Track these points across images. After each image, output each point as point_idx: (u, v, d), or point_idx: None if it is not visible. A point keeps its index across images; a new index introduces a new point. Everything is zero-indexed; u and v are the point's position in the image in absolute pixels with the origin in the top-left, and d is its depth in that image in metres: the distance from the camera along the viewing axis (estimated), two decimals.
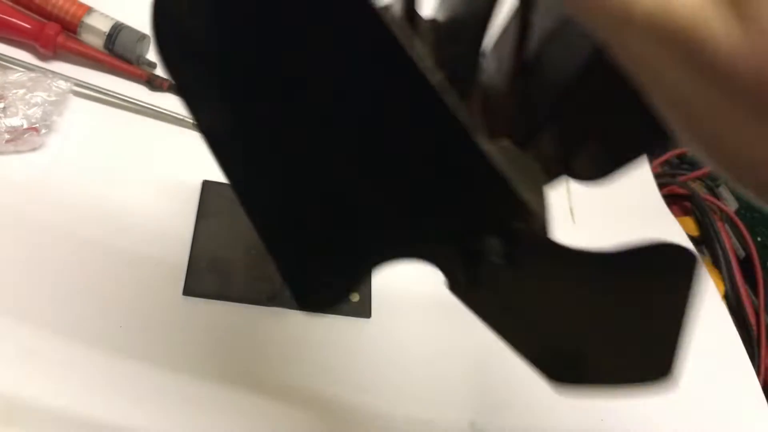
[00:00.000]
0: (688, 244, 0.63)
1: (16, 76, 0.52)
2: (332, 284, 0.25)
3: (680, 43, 0.14)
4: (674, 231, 0.64)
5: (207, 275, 0.49)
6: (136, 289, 0.47)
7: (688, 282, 0.21)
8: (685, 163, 0.77)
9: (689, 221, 0.68)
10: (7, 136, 0.50)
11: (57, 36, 0.55)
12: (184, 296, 0.48)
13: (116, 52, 0.57)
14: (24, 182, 0.50)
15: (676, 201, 0.71)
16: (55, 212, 0.49)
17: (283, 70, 0.19)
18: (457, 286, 0.24)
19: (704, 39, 0.14)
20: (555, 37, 0.23)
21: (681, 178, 0.72)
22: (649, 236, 0.24)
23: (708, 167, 0.18)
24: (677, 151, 0.77)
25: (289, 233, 0.24)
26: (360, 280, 0.25)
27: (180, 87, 0.20)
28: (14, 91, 0.51)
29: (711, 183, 0.73)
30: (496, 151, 0.21)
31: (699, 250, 0.66)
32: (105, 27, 0.56)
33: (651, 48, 0.15)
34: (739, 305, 0.62)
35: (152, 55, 0.59)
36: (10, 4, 0.57)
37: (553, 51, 0.23)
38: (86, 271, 0.47)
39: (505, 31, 0.25)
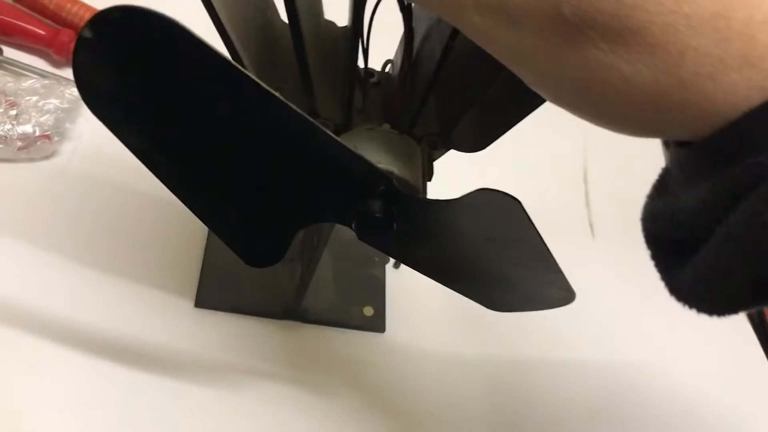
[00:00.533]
0: None
1: (30, 83, 0.52)
2: (269, 245, 0.33)
3: (496, 8, 0.20)
4: None
5: (219, 287, 0.48)
6: (148, 301, 0.47)
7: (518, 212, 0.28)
8: None
9: None
10: (19, 144, 0.49)
11: (71, 42, 0.55)
12: (196, 308, 0.47)
13: None
14: (36, 189, 0.49)
15: None
16: (67, 220, 0.49)
17: (175, 108, 0.27)
18: (361, 235, 0.31)
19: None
20: (427, 36, 0.32)
21: None
22: None
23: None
24: None
25: (222, 215, 0.32)
26: (289, 239, 0.32)
27: (101, 119, 0.27)
28: (27, 98, 0.50)
29: None
30: (380, 136, 0.32)
31: None
32: None
33: (480, 19, 0.21)
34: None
35: None
36: (26, 11, 0.56)
37: (426, 47, 0.32)
38: (97, 281, 0.46)
39: (400, 42, 0.33)
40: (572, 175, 0.68)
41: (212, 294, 0.48)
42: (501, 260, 0.34)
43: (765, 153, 0.18)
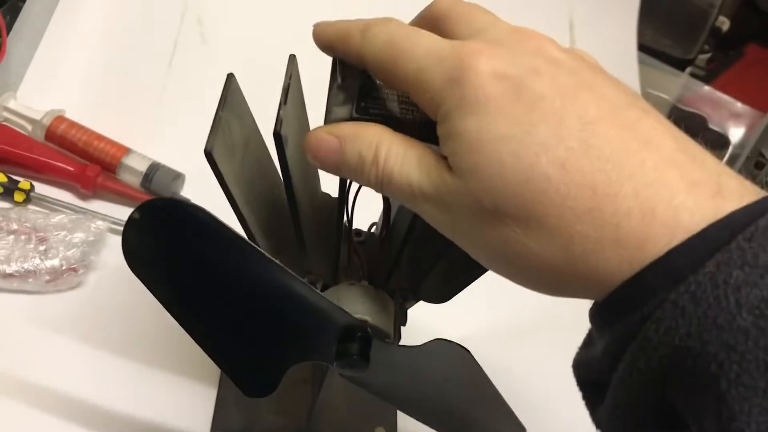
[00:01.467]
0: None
1: (59, 218, 0.56)
2: (264, 379, 0.38)
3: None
4: None
5: (235, 411, 0.50)
6: (164, 425, 0.49)
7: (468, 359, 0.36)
8: None
9: None
10: (47, 277, 0.53)
11: (97, 177, 0.59)
12: None
13: (153, 191, 0.60)
14: (61, 319, 0.53)
15: None
16: (91, 348, 0.52)
17: (197, 272, 0.34)
18: (341, 373, 0.37)
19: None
20: (401, 207, 0.39)
21: None
22: None
23: None
24: None
25: (225, 353, 0.38)
26: (282, 374, 0.38)
27: (138, 276, 0.33)
28: (56, 233, 0.55)
29: None
30: (358, 290, 0.39)
31: None
32: (142, 167, 0.60)
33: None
34: None
35: (186, 192, 0.62)
36: (56, 148, 0.61)
37: (399, 216, 0.40)
38: (118, 406, 0.49)
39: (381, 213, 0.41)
40: None
41: (228, 419, 0.50)
42: (458, 398, 0.40)
43: (635, 314, 0.23)
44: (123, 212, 0.60)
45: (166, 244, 0.32)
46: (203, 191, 0.43)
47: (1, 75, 0.65)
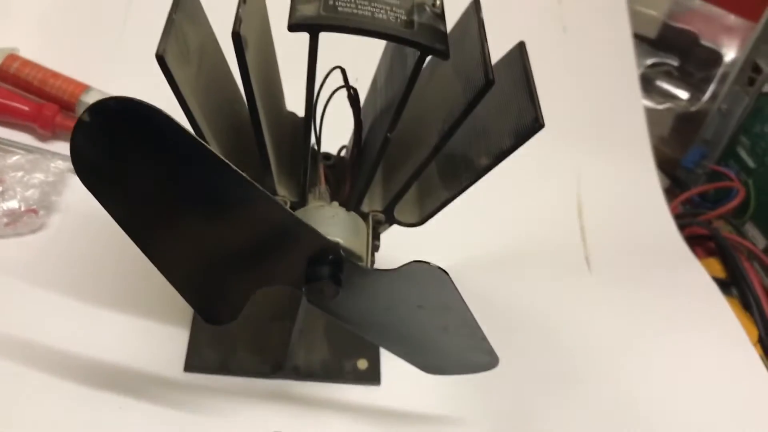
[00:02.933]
0: (710, 286, 0.62)
1: (15, 159, 0.53)
2: (226, 306, 0.37)
3: None
4: (697, 274, 0.62)
5: (208, 350, 0.49)
6: (136, 367, 0.47)
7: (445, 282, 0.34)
8: (706, 201, 0.76)
9: (714, 263, 0.67)
10: (5, 220, 0.51)
11: (55, 116, 0.57)
12: (186, 372, 0.47)
13: None
14: (24, 264, 0.51)
15: (700, 242, 0.69)
16: (55, 293, 0.49)
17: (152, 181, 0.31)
18: (311, 298, 0.35)
19: None
20: (372, 128, 0.38)
21: (702, 218, 0.70)
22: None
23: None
24: (698, 189, 0.76)
25: (185, 276, 0.36)
26: (245, 301, 0.36)
27: (90, 189, 0.31)
28: (12, 174, 0.52)
29: (736, 221, 0.71)
30: (329, 212, 0.38)
31: (728, 293, 0.64)
32: None
33: None
34: None
35: None
36: (9, 87, 0.59)
37: (370, 137, 0.38)
38: (86, 348, 0.47)
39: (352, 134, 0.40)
40: (567, 211, 0.69)
41: (201, 357, 0.48)
42: (431, 326, 0.39)
43: None
44: None
45: (120, 150, 0.30)
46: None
47: None
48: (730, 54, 0.84)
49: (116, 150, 0.29)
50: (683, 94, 0.87)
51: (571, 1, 0.81)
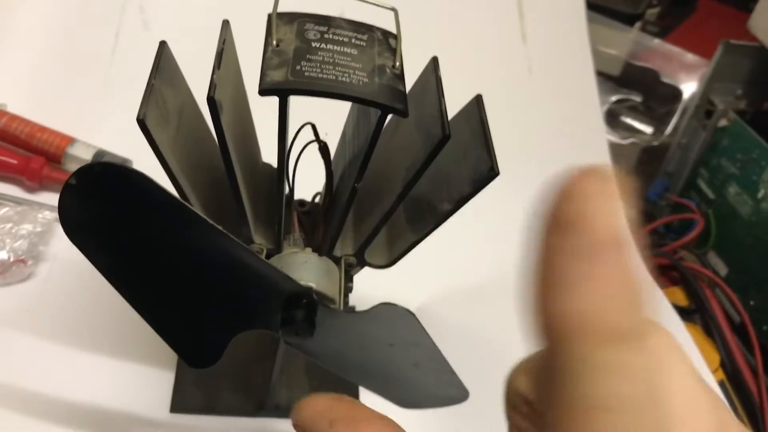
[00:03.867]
0: (671, 313, 0.64)
1: (4, 211, 0.55)
2: (207, 349, 0.38)
3: None
4: (660, 303, 0.65)
5: (194, 391, 0.50)
6: (124, 410, 0.49)
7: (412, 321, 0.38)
8: (671, 231, 0.79)
9: (678, 291, 0.69)
10: None
11: (42, 168, 0.59)
12: (172, 413, 0.49)
13: None
14: (13, 313, 0.52)
15: (664, 271, 0.72)
16: (44, 340, 0.51)
17: (135, 238, 0.33)
18: (287, 340, 0.37)
19: None
20: (342, 176, 0.40)
21: (666, 248, 0.73)
22: None
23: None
24: (662, 221, 0.78)
25: (167, 323, 0.37)
26: (225, 344, 0.38)
27: (76, 245, 0.33)
28: (1, 226, 0.54)
29: (698, 251, 0.74)
30: (303, 258, 0.40)
31: (691, 321, 0.67)
32: (88, 155, 0.60)
33: None
34: (736, 372, 0.62)
35: None
36: None
37: (341, 185, 0.40)
38: (74, 394, 0.49)
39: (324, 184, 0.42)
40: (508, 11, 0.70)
41: (187, 398, 0.50)
42: (404, 363, 0.41)
43: None
44: None
45: (105, 210, 0.32)
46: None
47: None
48: (688, 90, 0.88)
49: (101, 210, 0.31)
50: (647, 129, 0.90)
51: (537, 42, 0.84)
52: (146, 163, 0.57)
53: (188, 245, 0.33)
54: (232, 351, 0.52)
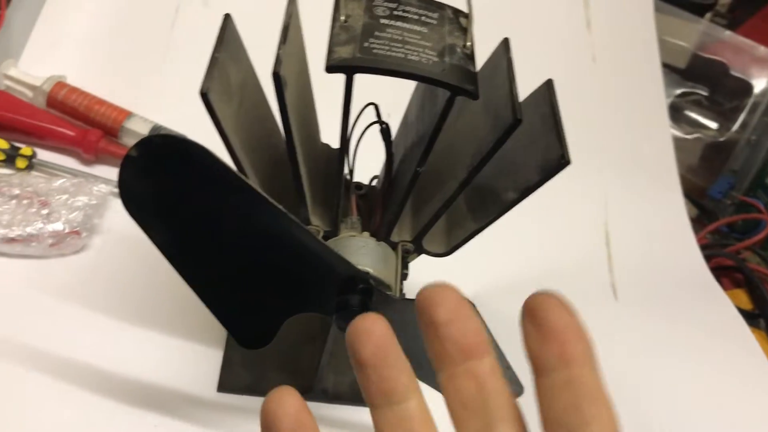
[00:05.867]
0: (736, 317, 0.61)
1: (60, 182, 0.56)
2: (259, 330, 0.38)
3: None
4: (723, 306, 0.62)
5: (241, 371, 0.50)
6: (171, 386, 0.49)
7: None
8: (735, 231, 0.76)
9: (741, 294, 0.67)
10: (50, 241, 0.52)
11: (98, 141, 0.59)
12: (219, 392, 0.49)
13: None
14: (65, 284, 0.52)
15: (726, 273, 0.69)
16: (95, 312, 0.51)
17: (194, 212, 0.33)
18: (341, 325, 0.36)
19: None
20: (403, 160, 0.39)
21: (730, 249, 0.70)
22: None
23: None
24: (725, 220, 0.75)
25: (222, 302, 0.37)
26: (278, 326, 0.38)
27: (134, 218, 0.33)
28: (57, 197, 0.54)
29: (764, 253, 0.71)
30: (360, 242, 0.39)
31: (754, 325, 0.64)
32: (144, 130, 0.60)
33: None
34: None
35: None
36: (57, 114, 0.61)
37: (401, 169, 0.39)
38: (123, 368, 0.49)
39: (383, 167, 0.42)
40: (594, 238, 0.69)
41: (234, 378, 0.49)
42: None
43: None
44: None
45: (165, 184, 0.31)
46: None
47: (1, 43, 0.64)
48: (760, 85, 0.84)
49: (160, 183, 0.31)
50: (712, 124, 0.87)
51: (601, 30, 0.82)
52: (201, 140, 0.57)
53: (247, 223, 0.32)
54: (281, 333, 0.52)
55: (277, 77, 0.31)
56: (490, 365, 0.22)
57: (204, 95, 0.32)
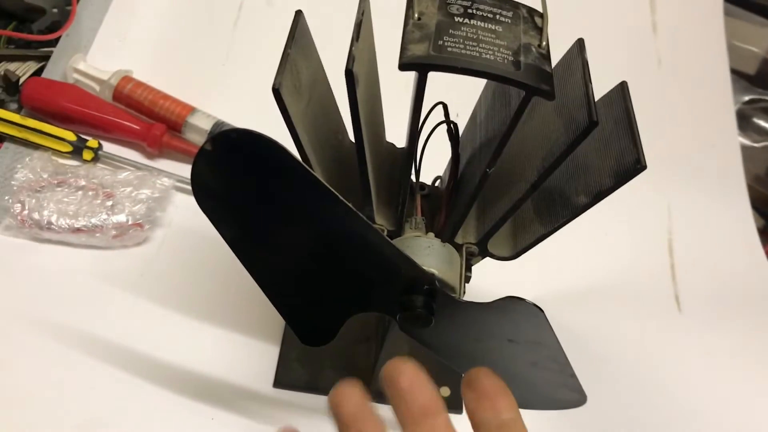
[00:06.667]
0: None
1: (125, 175, 0.56)
2: (322, 328, 0.38)
3: None
4: None
5: (297, 367, 0.50)
6: (229, 380, 0.49)
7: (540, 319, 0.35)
8: None
9: None
10: (114, 232, 0.53)
11: (162, 136, 0.60)
12: (274, 388, 0.49)
13: None
14: (127, 275, 0.53)
15: None
16: (156, 303, 0.52)
17: (265, 208, 0.32)
18: (404, 326, 0.36)
19: None
20: (470, 161, 0.39)
21: None
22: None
23: None
24: None
25: (286, 298, 0.37)
26: (340, 324, 0.38)
27: (205, 212, 0.32)
28: (122, 189, 0.55)
29: None
30: (425, 243, 0.38)
31: None
32: (207, 125, 0.60)
33: None
34: None
35: None
36: (123, 108, 0.62)
37: (468, 170, 0.39)
38: (182, 359, 0.49)
39: (449, 162, 0.41)
40: (657, 247, 0.67)
41: (290, 375, 0.49)
42: (521, 360, 0.39)
43: None
44: (188, 170, 0.59)
45: (237, 178, 0.31)
46: None
47: (71, 38, 0.66)
48: None
49: (234, 177, 0.31)
50: None
51: (667, 34, 0.80)
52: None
53: (316, 220, 0.32)
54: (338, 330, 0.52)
55: (349, 75, 0.31)
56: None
57: (276, 91, 0.32)
